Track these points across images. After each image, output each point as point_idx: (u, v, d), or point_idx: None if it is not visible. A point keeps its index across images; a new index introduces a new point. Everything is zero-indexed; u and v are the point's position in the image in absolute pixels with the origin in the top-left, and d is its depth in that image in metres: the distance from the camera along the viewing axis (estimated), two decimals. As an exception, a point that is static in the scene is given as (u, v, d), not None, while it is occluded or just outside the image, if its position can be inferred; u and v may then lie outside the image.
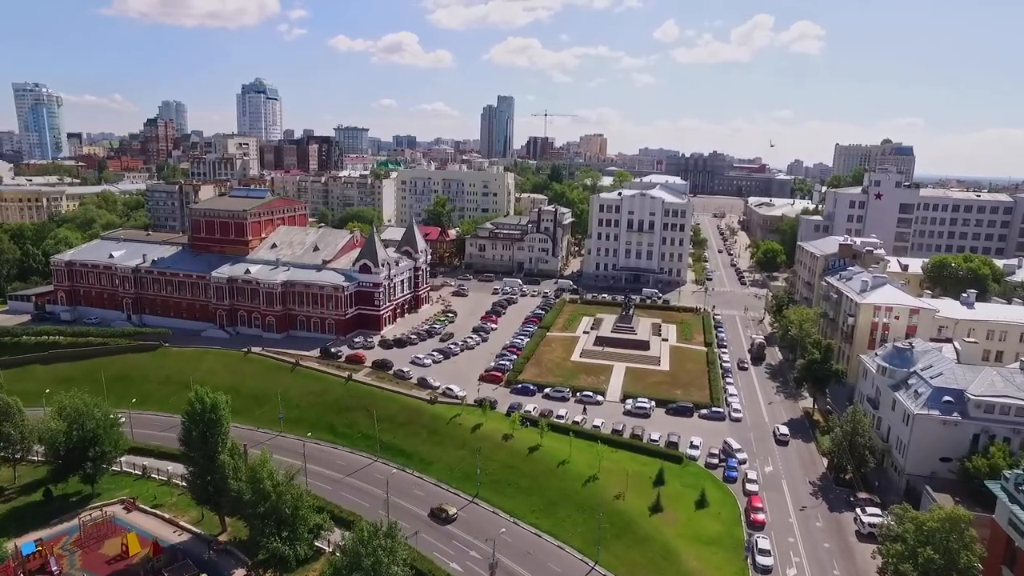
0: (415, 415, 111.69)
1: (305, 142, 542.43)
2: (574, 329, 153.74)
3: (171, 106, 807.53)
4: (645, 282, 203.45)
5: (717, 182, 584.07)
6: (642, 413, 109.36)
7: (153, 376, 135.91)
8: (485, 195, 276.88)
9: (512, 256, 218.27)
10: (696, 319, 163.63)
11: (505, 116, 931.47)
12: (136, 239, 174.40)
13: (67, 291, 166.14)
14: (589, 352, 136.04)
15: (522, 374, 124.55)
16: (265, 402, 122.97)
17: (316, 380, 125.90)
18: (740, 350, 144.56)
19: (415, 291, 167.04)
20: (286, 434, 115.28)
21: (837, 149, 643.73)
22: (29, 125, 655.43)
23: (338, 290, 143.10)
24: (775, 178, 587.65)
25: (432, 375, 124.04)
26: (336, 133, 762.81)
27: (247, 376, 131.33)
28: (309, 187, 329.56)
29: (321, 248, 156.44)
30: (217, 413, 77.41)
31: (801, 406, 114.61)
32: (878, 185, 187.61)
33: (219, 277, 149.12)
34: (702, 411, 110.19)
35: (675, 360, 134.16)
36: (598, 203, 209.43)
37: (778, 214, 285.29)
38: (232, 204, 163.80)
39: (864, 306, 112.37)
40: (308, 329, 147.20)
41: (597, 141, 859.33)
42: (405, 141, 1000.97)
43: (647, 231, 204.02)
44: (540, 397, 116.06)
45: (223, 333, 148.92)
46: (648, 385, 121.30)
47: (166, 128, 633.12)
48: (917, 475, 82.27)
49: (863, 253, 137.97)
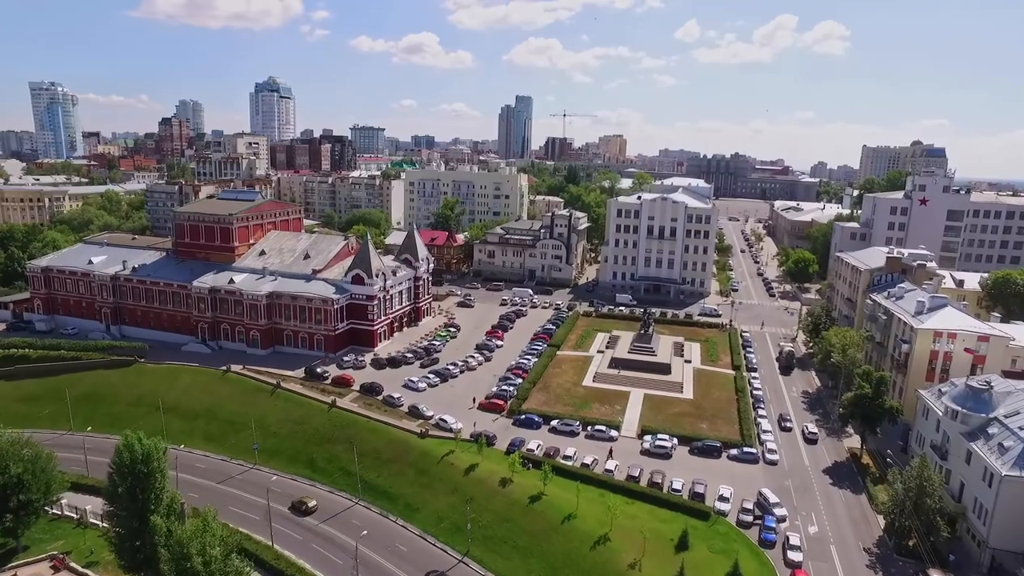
0: (402, 451, 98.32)
1: (318, 142, 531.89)
2: (587, 347, 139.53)
3: (188, 105, 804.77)
4: (666, 293, 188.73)
5: (740, 184, 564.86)
6: (662, 453, 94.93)
7: (124, 396, 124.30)
8: (497, 197, 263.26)
9: (523, 263, 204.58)
10: (722, 337, 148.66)
11: (523, 116, 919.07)
12: (119, 244, 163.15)
13: (44, 299, 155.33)
14: (603, 376, 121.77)
15: (527, 402, 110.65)
16: (242, 428, 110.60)
17: (297, 405, 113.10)
18: (771, 373, 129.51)
19: (415, 302, 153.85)
20: (261, 467, 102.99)
21: (864, 151, 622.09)
22: (44, 124, 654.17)
23: (327, 303, 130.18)
24: (800, 180, 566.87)
25: (426, 402, 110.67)
26: (351, 133, 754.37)
27: (224, 398, 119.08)
28: (316, 188, 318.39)
29: (312, 256, 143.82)
30: (150, 465, 64.01)
31: (847, 446, 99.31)
32: (923, 190, 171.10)
33: (201, 287, 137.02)
34: (732, 451, 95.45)
35: (699, 386, 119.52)
36: (616, 207, 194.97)
37: (807, 219, 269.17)
38: (218, 207, 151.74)
39: (922, 332, 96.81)
40: (295, 345, 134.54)
41: (617, 142, 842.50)
42: (424, 141, 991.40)
43: (668, 238, 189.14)
44: (546, 431, 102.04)
45: (205, 348, 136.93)
46: (669, 417, 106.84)
47: (180, 127, 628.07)
48: (1005, 550, 67.16)
49: (913, 267, 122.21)
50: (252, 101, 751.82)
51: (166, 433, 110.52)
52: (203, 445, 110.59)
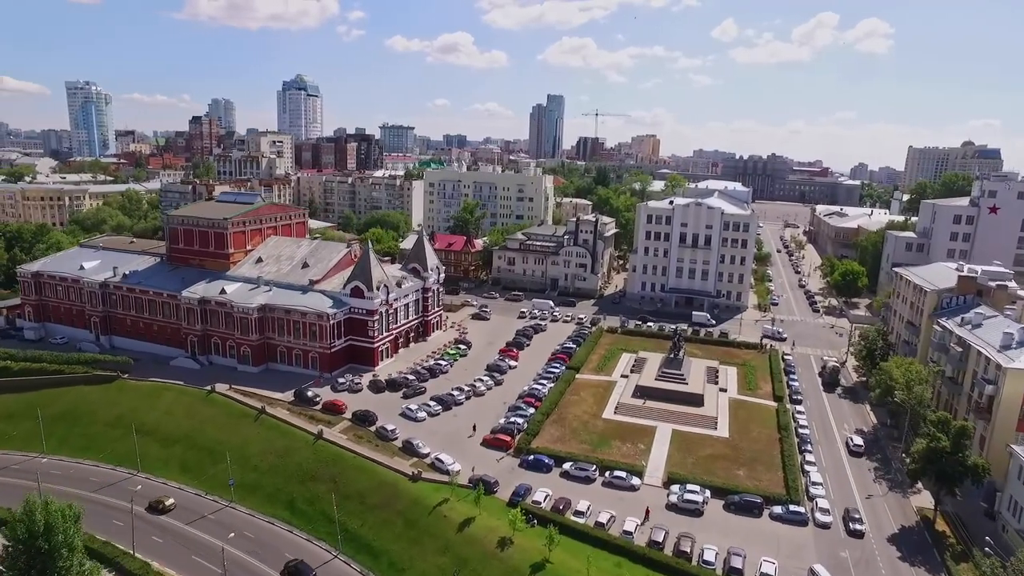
0: (391, 496, 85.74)
1: (343, 140, 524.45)
2: (610, 370, 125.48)
3: (220, 104, 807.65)
4: (699, 307, 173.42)
5: (777, 187, 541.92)
6: (692, 509, 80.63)
7: (103, 415, 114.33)
8: (520, 200, 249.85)
9: (545, 272, 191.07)
10: (761, 360, 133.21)
11: (555, 115, 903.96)
12: (116, 248, 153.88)
13: (34, 305, 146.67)
14: (626, 407, 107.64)
15: (538, 437, 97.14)
16: (221, 458, 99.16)
17: (281, 435, 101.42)
18: (818, 403, 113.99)
19: (423, 316, 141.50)
20: (236, 505, 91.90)
21: (910, 152, 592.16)
22: (79, 122, 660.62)
23: (322, 318, 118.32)
24: (841, 183, 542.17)
25: (423, 435, 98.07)
26: (380, 132, 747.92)
27: (206, 422, 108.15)
28: (335, 188, 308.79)
29: (311, 265, 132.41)
30: (54, 539, 51.35)
31: (915, 505, 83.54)
32: (993, 196, 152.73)
33: (190, 297, 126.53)
34: (775, 509, 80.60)
35: (736, 421, 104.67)
36: (646, 213, 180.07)
37: (852, 226, 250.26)
38: (213, 211, 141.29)
39: (1012, 372, 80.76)
40: (289, 362, 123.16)
41: (649, 142, 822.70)
42: (455, 140, 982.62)
43: (703, 247, 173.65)
44: (557, 475, 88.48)
45: (194, 363, 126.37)
46: (701, 460, 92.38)
47: (210, 126, 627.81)
48: None
49: (991, 288, 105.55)
50: (279, 99, 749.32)
51: (141, 461, 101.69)
52: (179, 475, 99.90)
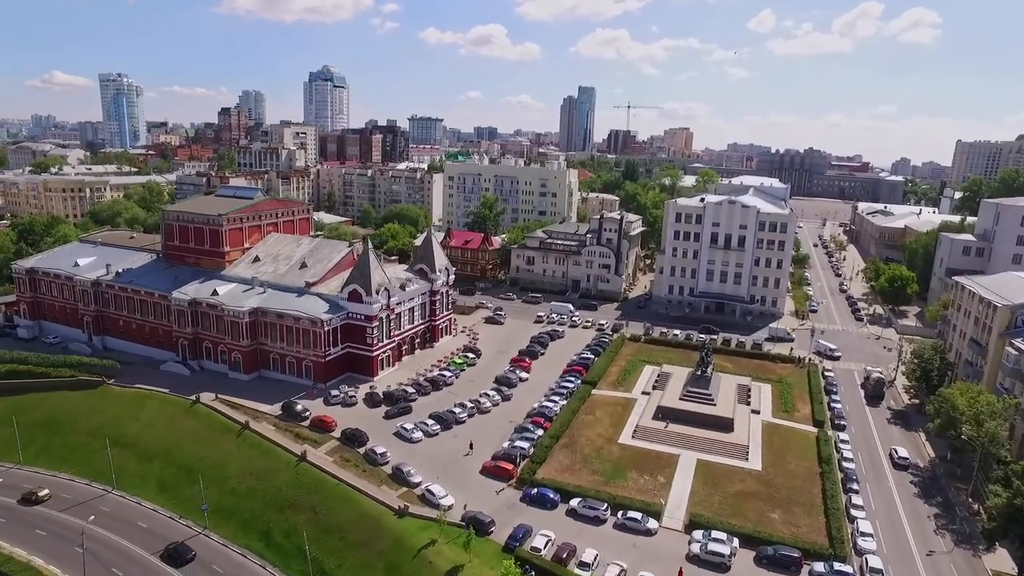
0: (373, 532, 76.10)
1: (369, 132, 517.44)
2: (630, 386, 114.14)
3: (250, 95, 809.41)
4: (730, 313, 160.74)
5: (815, 182, 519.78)
6: (717, 562, 69.25)
7: (84, 424, 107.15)
8: (543, 195, 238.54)
9: (566, 272, 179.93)
10: (799, 376, 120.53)
11: (586, 108, 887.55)
12: (114, 244, 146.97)
13: (30, 303, 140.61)
14: (645, 431, 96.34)
15: (545, 465, 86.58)
16: (202, 477, 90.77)
17: (263, 454, 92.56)
18: (864, 429, 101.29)
19: (431, 320, 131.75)
20: (210, 532, 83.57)
21: (959, 146, 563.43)
22: (111, 114, 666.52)
23: (316, 324, 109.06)
24: (884, 179, 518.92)
25: (417, 459, 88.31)
26: (409, 123, 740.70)
27: (187, 436, 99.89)
28: (355, 181, 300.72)
29: (310, 265, 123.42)
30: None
31: (989, 568, 70.72)
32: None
33: (180, 298, 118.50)
34: (816, 566, 68.69)
35: (770, 450, 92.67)
36: (674, 211, 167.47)
37: (899, 225, 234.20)
38: (209, 206, 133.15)
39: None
40: (282, 370, 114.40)
41: (682, 135, 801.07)
42: (486, 133, 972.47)
43: (736, 248, 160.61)
44: (562, 513, 77.80)
45: (184, 368, 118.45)
46: (729, 498, 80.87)
47: (239, 117, 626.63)
48: None
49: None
50: (305, 90, 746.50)
51: (118, 476, 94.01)
52: (155, 495, 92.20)
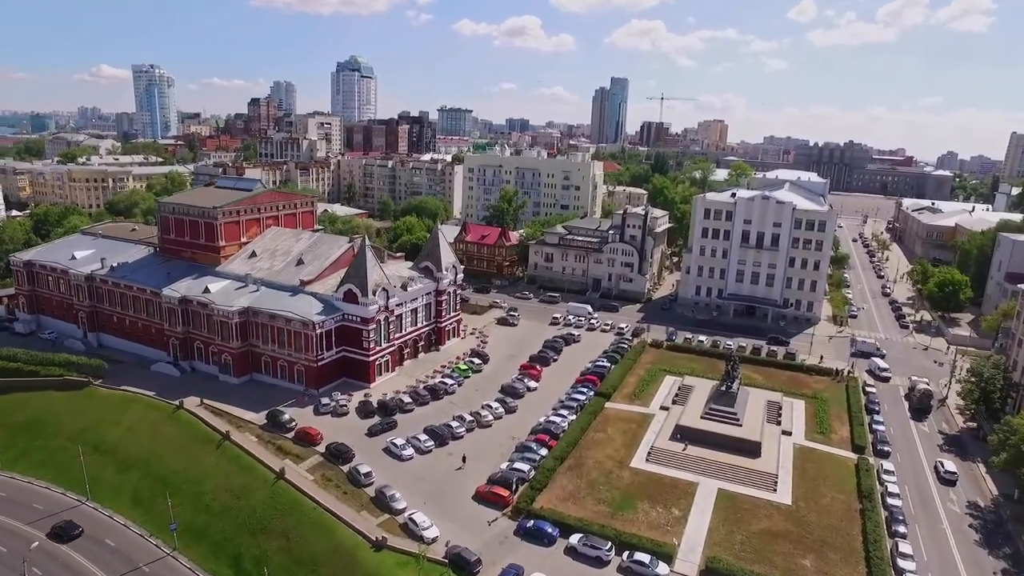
0: (346, 567, 68.01)
1: (395, 122, 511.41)
2: (647, 399, 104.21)
3: (281, 86, 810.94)
4: (762, 317, 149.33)
5: (856, 177, 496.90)
6: (738, 619, 59.68)
7: (67, 427, 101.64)
8: (566, 188, 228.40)
9: (587, 271, 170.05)
10: (836, 391, 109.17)
11: (618, 99, 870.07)
12: (114, 236, 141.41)
13: (28, 296, 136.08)
14: (662, 453, 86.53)
15: (545, 492, 77.48)
16: (175, 491, 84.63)
17: (242, 469, 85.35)
18: (911, 455, 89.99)
19: (436, 322, 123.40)
20: (179, 555, 76.78)
21: (1013, 139, 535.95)
22: (143, 104, 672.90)
23: (308, 326, 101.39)
24: (929, 174, 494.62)
25: (405, 480, 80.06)
26: (438, 115, 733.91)
27: (167, 444, 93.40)
28: (375, 172, 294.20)
29: (307, 261, 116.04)
30: None
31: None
32: None
33: (171, 296, 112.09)
34: (855, 628, 58.89)
35: (803, 480, 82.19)
36: (703, 207, 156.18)
37: (948, 224, 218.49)
38: (207, 198, 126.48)
39: None
40: (273, 374, 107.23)
41: (716, 128, 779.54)
42: (517, 124, 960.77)
43: (769, 248, 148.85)
44: (560, 551, 68.67)
45: (175, 369, 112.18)
46: (753, 538, 70.83)
47: (268, 108, 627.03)
48: None
49: None
50: (333, 81, 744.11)
51: (94, 487, 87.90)
52: (129, 508, 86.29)
